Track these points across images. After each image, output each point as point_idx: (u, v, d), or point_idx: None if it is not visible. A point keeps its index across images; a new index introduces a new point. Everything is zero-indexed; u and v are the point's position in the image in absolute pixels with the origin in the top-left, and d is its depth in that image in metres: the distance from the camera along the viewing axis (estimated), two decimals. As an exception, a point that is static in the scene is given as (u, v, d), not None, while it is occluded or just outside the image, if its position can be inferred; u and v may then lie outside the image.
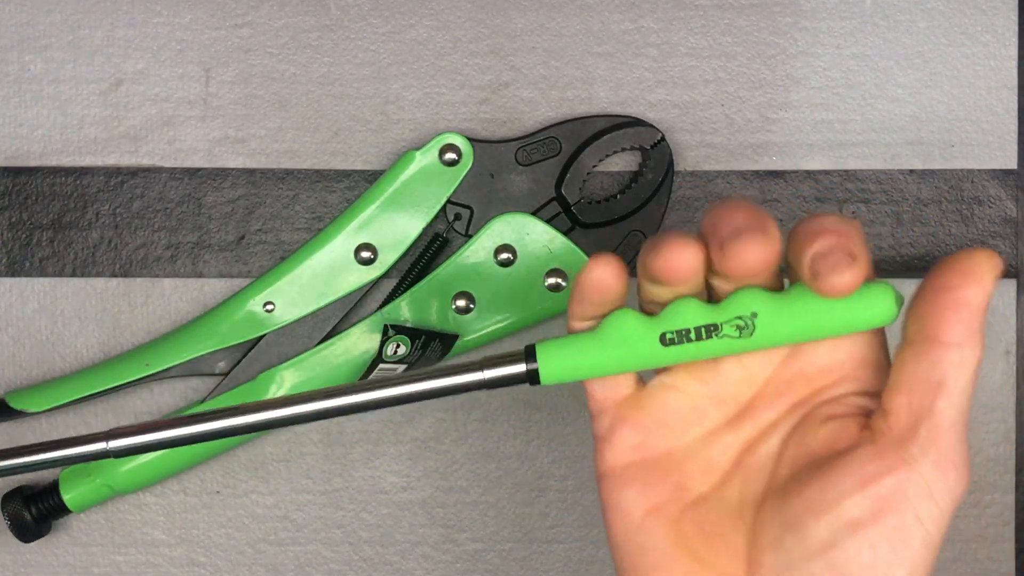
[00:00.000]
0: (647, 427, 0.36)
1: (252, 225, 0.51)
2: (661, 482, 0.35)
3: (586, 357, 0.35)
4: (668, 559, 0.34)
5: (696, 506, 0.35)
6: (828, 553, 0.32)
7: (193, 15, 0.51)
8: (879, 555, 0.31)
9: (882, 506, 0.32)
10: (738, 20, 0.51)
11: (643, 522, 0.35)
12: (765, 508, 0.34)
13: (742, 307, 0.34)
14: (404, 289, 0.50)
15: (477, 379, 0.35)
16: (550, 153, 0.50)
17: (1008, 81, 0.51)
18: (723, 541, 0.34)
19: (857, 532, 0.32)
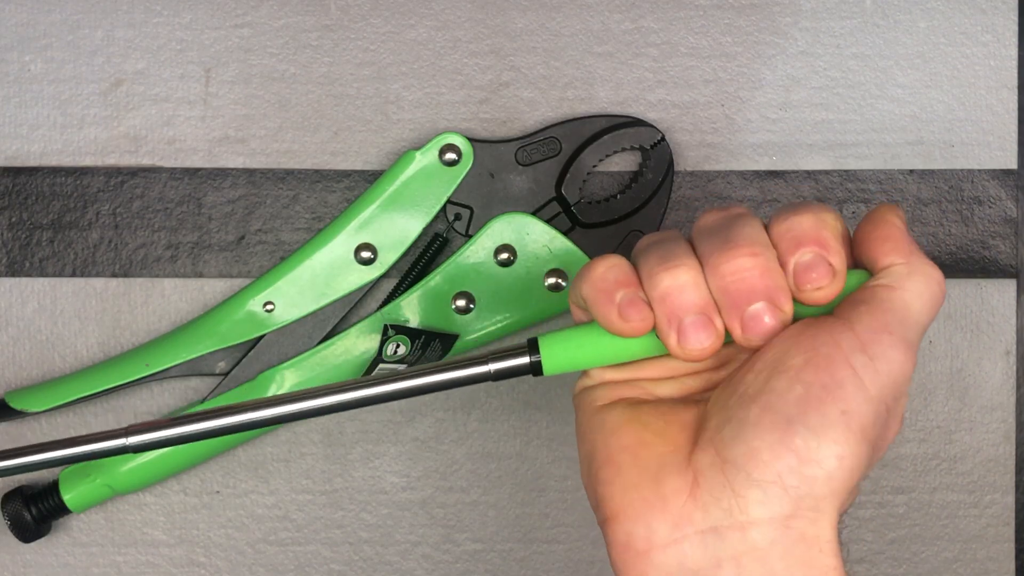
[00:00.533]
0: (632, 390, 0.38)
1: (252, 225, 0.51)
2: (631, 388, 0.37)
3: (586, 347, 0.36)
4: (620, 429, 0.36)
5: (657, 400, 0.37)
6: (761, 396, 0.33)
7: (193, 15, 0.51)
8: (811, 393, 0.32)
9: (814, 352, 0.33)
10: (738, 20, 0.51)
11: (603, 408, 0.37)
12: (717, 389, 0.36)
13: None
14: (404, 289, 0.50)
15: (482, 372, 0.36)
16: (550, 153, 0.50)
17: (1008, 81, 0.51)
18: (675, 416, 0.36)
19: (790, 374, 0.33)
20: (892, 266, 0.35)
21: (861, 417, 0.32)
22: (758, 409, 0.33)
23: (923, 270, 0.34)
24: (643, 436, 0.35)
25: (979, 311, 0.51)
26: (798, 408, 0.32)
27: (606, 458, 0.35)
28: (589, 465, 0.36)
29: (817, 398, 0.32)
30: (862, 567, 0.51)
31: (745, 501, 0.32)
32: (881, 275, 0.35)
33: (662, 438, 0.35)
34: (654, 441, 0.35)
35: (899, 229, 0.35)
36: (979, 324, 0.51)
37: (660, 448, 0.35)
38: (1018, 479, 0.51)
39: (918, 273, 0.34)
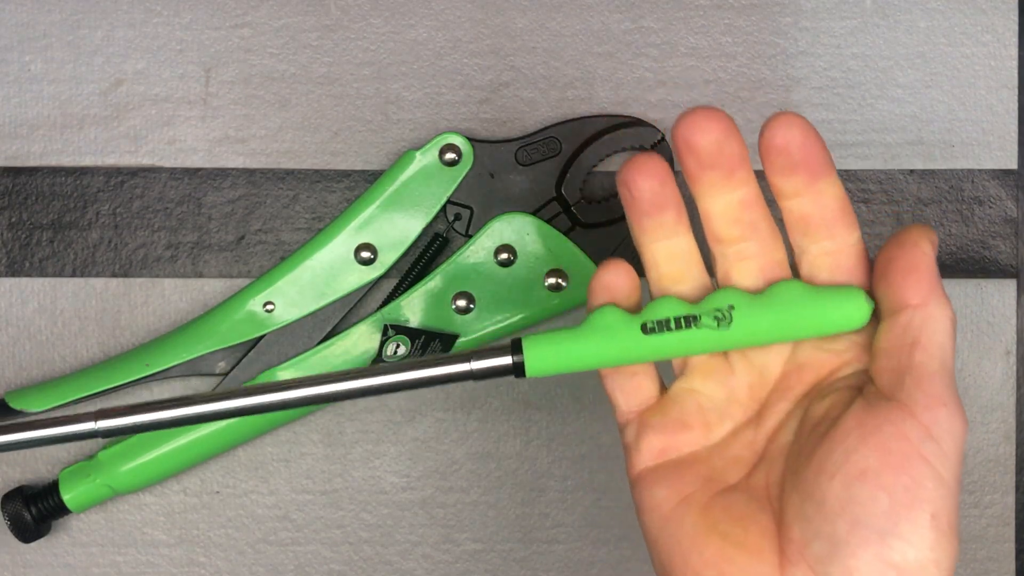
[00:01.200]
0: (671, 431, 0.37)
1: (252, 225, 0.51)
2: (689, 477, 0.36)
3: (570, 349, 0.36)
4: (699, 543, 0.35)
5: (724, 494, 0.36)
6: (847, 509, 0.32)
7: (193, 15, 0.51)
8: (897, 500, 0.32)
9: (886, 451, 0.32)
10: (738, 20, 0.51)
11: (673, 512, 0.36)
12: (786, 485, 0.35)
13: (720, 301, 0.36)
14: (404, 289, 0.50)
15: (464, 370, 0.36)
16: (550, 153, 0.50)
17: (1008, 81, 0.51)
18: (752, 521, 0.35)
19: (869, 481, 0.32)
20: (911, 309, 0.33)
21: (948, 514, 0.32)
22: (846, 525, 0.32)
23: (942, 313, 0.34)
24: (725, 551, 0.34)
25: (979, 311, 0.51)
26: (888, 520, 0.32)
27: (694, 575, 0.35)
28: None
29: (904, 506, 0.32)
30: (862, 567, 0.51)
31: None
32: (905, 326, 0.34)
33: (745, 551, 0.34)
34: (738, 556, 0.34)
35: (927, 258, 0.34)
36: (979, 324, 0.51)
37: (746, 562, 0.34)
38: (1018, 479, 0.51)
39: (938, 318, 0.33)
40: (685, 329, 0.35)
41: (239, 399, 0.36)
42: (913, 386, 0.33)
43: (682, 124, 0.35)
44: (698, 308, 0.36)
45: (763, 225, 0.37)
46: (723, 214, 0.37)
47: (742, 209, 0.36)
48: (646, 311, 0.36)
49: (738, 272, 0.37)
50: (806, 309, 0.35)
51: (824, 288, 0.36)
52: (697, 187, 0.36)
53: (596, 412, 0.51)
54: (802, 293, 0.35)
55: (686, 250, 0.37)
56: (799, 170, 0.35)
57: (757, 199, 0.37)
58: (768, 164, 0.36)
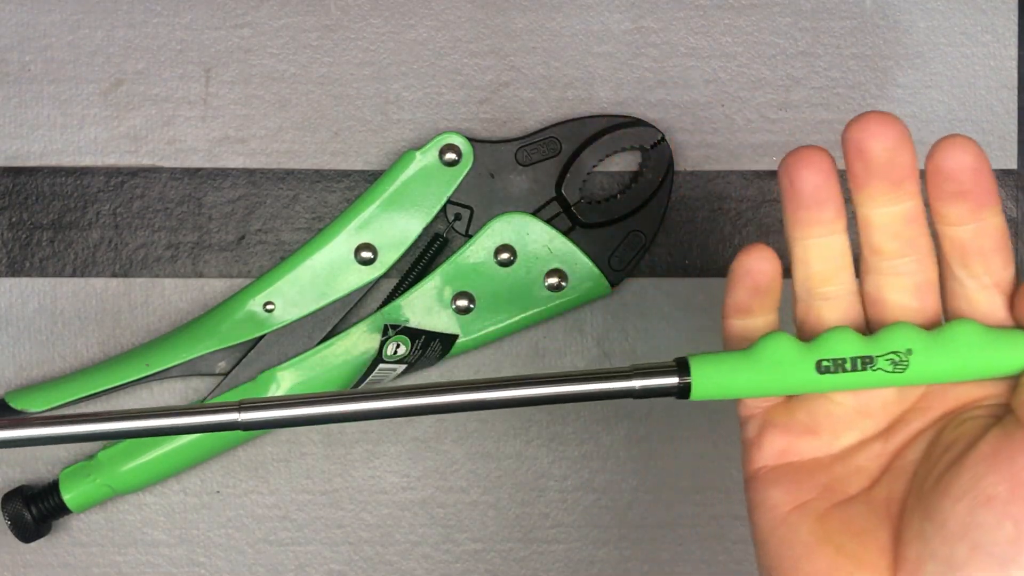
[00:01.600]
0: (796, 434, 0.36)
1: (252, 225, 0.51)
2: (808, 483, 0.36)
3: (740, 376, 0.34)
4: (812, 552, 0.34)
5: (843, 505, 0.35)
6: (969, 534, 0.31)
7: (193, 15, 0.51)
8: (1022, 529, 0.31)
9: (1018, 481, 0.31)
10: (738, 20, 0.51)
11: (788, 517, 0.35)
12: (908, 503, 0.34)
13: (897, 342, 0.34)
14: (404, 289, 0.50)
15: (626, 387, 0.34)
16: (550, 153, 0.50)
17: (1008, 81, 0.51)
18: (870, 536, 0.34)
19: (996, 508, 0.31)
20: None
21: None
22: (966, 549, 0.31)
23: None
24: (838, 562, 0.33)
25: (979, 311, 0.51)
26: (1013, 549, 0.31)
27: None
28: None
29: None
30: (862, 567, 0.51)
31: None
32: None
33: (859, 565, 0.33)
34: (851, 569, 0.33)
35: None
36: (979, 324, 0.51)
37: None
38: (1018, 479, 0.51)
39: None
40: (860, 371, 0.34)
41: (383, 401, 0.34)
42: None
43: (855, 128, 0.34)
44: (874, 347, 0.34)
45: (922, 243, 0.35)
46: (885, 225, 0.35)
47: (904, 223, 0.35)
48: (820, 344, 0.34)
49: (890, 287, 0.35)
50: (984, 354, 0.34)
51: (999, 331, 0.34)
52: (861, 194, 0.35)
53: (596, 412, 0.51)
54: (980, 336, 0.34)
55: (840, 251, 0.36)
56: (967, 198, 0.34)
57: (920, 215, 0.35)
58: (933, 188, 0.34)
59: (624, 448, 0.51)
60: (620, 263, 0.50)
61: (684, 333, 0.51)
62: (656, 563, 0.51)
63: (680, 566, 0.51)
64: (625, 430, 0.51)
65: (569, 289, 0.49)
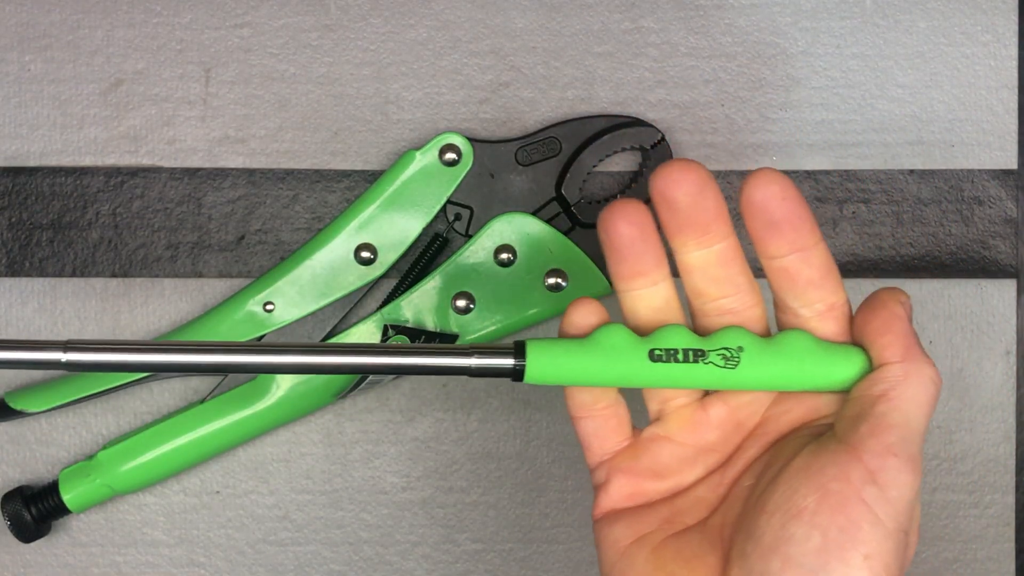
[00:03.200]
0: (641, 476, 0.37)
1: (252, 225, 0.51)
2: (650, 517, 0.37)
3: (574, 361, 0.35)
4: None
5: (680, 535, 0.36)
6: (781, 547, 0.32)
7: (193, 15, 0.51)
8: (830, 539, 0.32)
9: (825, 492, 0.32)
10: (738, 20, 0.51)
11: (628, 550, 0.36)
12: (736, 526, 0.35)
13: (730, 340, 0.35)
14: (404, 289, 0.50)
15: (463, 364, 0.35)
16: (550, 153, 0.50)
17: (1008, 81, 0.51)
18: (700, 562, 0.35)
19: (804, 519, 0.32)
20: (887, 365, 0.34)
21: (883, 556, 0.32)
22: (779, 562, 0.32)
23: (920, 371, 0.34)
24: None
25: (979, 311, 0.51)
26: (820, 558, 0.31)
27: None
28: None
29: (837, 545, 0.31)
30: (862, 567, 0.51)
31: None
32: (877, 379, 0.34)
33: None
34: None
35: (900, 319, 0.34)
36: (979, 324, 0.51)
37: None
38: (1018, 479, 0.51)
39: (914, 376, 0.34)
40: (692, 363, 0.35)
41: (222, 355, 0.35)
42: (867, 432, 0.33)
43: (658, 178, 0.35)
44: (707, 343, 0.35)
45: (742, 281, 0.36)
46: (702, 269, 0.36)
47: (720, 264, 0.36)
48: (655, 337, 0.35)
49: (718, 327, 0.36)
50: (814, 362, 0.35)
51: (831, 344, 0.35)
52: (674, 241, 0.36)
53: (596, 412, 0.51)
54: (810, 345, 0.35)
55: (665, 299, 0.37)
56: (781, 229, 0.35)
57: (735, 254, 0.36)
58: (749, 222, 0.35)
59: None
60: (620, 263, 0.50)
61: (684, 333, 0.51)
62: (656, 563, 0.51)
63: (680, 566, 0.51)
64: (625, 430, 0.51)
65: (569, 289, 0.49)
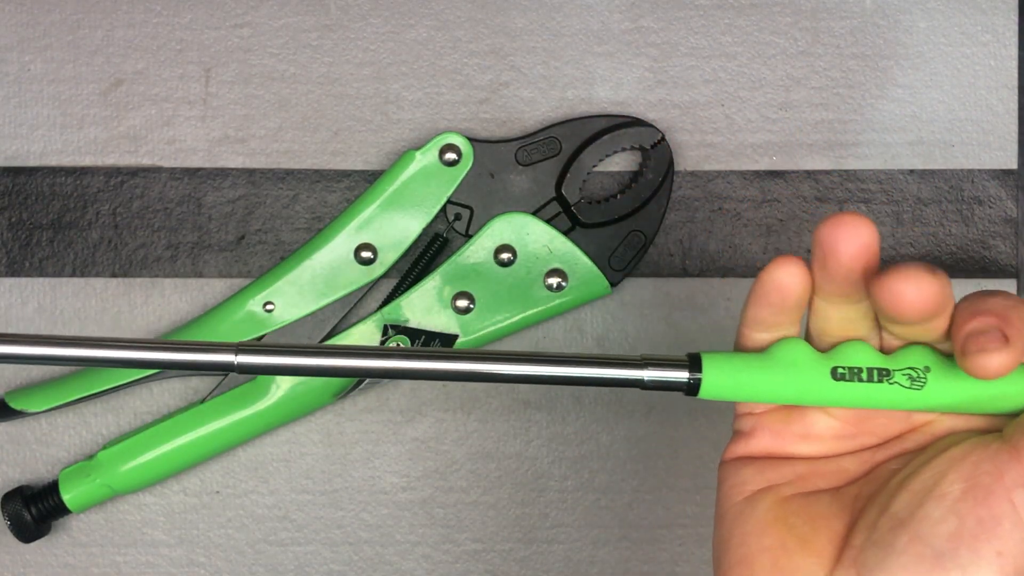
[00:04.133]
0: (788, 438, 0.36)
1: (252, 225, 0.51)
2: (784, 469, 0.35)
3: (752, 377, 0.33)
4: (764, 528, 0.34)
5: (810, 494, 0.35)
6: (912, 523, 0.31)
7: (193, 15, 0.51)
8: (966, 527, 0.30)
9: (974, 482, 0.31)
10: (738, 20, 0.51)
11: (754, 495, 0.35)
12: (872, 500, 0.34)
13: (916, 360, 0.33)
14: (404, 289, 0.50)
15: (635, 377, 0.33)
16: (550, 153, 0.50)
17: (1008, 81, 0.51)
18: (825, 523, 0.34)
19: (945, 503, 0.31)
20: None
21: (1017, 558, 0.30)
22: (907, 537, 0.31)
23: None
24: (786, 541, 0.33)
25: (979, 311, 0.51)
26: (950, 543, 0.30)
27: (742, 557, 0.34)
28: (723, 555, 0.34)
29: (972, 534, 0.30)
30: (862, 567, 0.51)
31: None
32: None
33: (806, 547, 0.33)
34: (797, 549, 0.33)
35: None
36: (979, 324, 0.51)
37: (801, 559, 0.33)
38: (1018, 479, 0.51)
39: None
40: (876, 383, 0.33)
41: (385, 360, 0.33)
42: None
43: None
44: (892, 362, 0.33)
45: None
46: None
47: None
48: (837, 354, 0.33)
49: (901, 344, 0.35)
50: (1003, 383, 0.33)
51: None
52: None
53: (596, 412, 0.51)
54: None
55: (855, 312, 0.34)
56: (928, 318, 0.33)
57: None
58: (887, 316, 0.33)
59: (624, 448, 0.51)
60: (620, 263, 0.50)
61: (684, 333, 0.51)
62: (656, 563, 0.51)
63: (680, 566, 0.51)
64: (625, 430, 0.51)
65: (569, 289, 0.49)
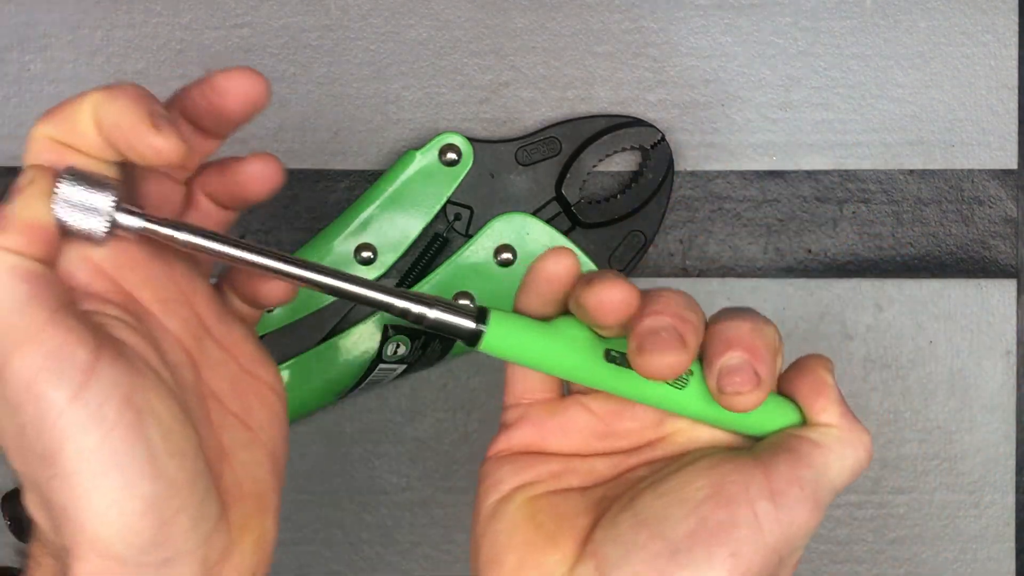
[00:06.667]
0: (549, 431, 0.37)
1: (252, 225, 0.51)
2: (540, 468, 0.36)
3: (534, 341, 0.34)
4: (516, 527, 0.35)
5: (562, 493, 0.36)
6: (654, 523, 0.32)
7: (193, 15, 0.51)
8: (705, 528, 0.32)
9: (719, 490, 0.32)
10: (738, 20, 0.51)
11: (509, 494, 0.36)
12: (617, 500, 0.35)
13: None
14: (404, 289, 0.50)
15: (420, 312, 0.33)
16: (550, 153, 0.50)
17: (1008, 81, 0.51)
18: (570, 521, 0.35)
19: (688, 506, 0.32)
20: (827, 427, 0.34)
21: (749, 562, 0.31)
22: (647, 535, 0.32)
23: (857, 439, 0.34)
24: (534, 540, 0.34)
25: (979, 311, 0.51)
26: (687, 541, 0.32)
27: (493, 556, 0.35)
28: (476, 554, 0.35)
29: (709, 534, 0.32)
30: (862, 567, 0.51)
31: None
32: (814, 429, 0.34)
33: (552, 544, 0.34)
34: (543, 547, 0.34)
35: (831, 387, 0.35)
36: (979, 324, 0.51)
37: (546, 555, 0.34)
38: (1018, 479, 0.51)
39: (850, 443, 0.34)
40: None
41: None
42: (784, 460, 0.33)
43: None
44: None
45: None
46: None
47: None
48: (613, 340, 0.35)
49: None
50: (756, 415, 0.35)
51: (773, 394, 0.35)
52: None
53: (596, 412, 0.51)
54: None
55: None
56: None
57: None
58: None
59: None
60: (620, 263, 0.50)
61: (684, 333, 0.51)
62: (656, 563, 0.51)
63: (680, 566, 0.51)
64: (625, 430, 0.51)
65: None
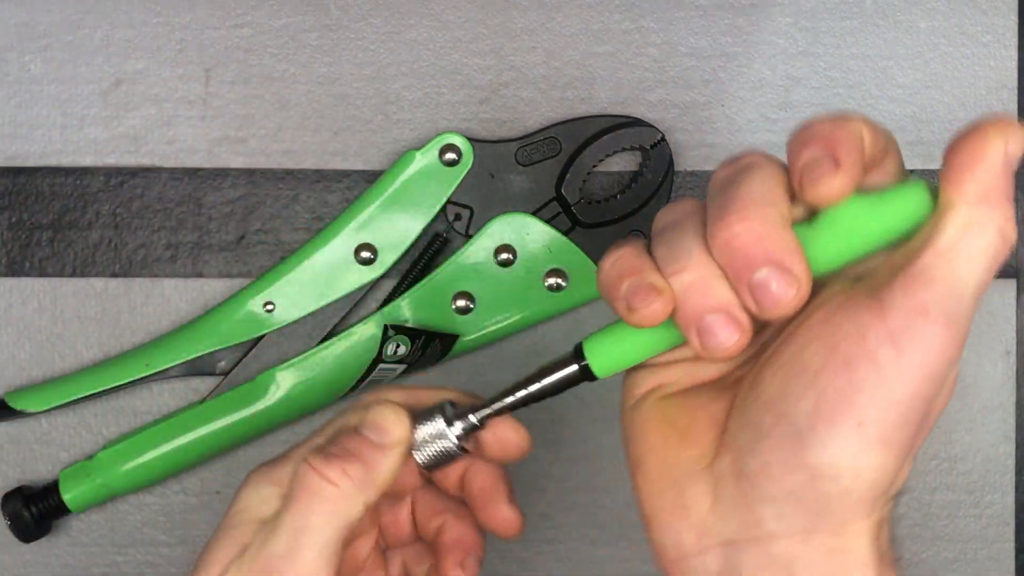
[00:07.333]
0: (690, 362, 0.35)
1: (252, 225, 0.51)
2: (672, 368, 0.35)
3: (629, 341, 0.34)
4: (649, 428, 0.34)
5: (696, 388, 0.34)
6: (777, 403, 0.30)
7: (193, 15, 0.51)
8: (824, 402, 0.29)
9: (833, 350, 0.29)
10: (738, 20, 0.51)
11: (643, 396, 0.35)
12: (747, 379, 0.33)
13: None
14: (404, 289, 0.50)
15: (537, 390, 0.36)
16: (550, 153, 0.50)
17: (1008, 81, 0.51)
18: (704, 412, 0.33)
19: (805, 379, 0.30)
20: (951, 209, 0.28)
21: (881, 425, 0.29)
22: (772, 417, 0.30)
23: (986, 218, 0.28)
24: (668, 437, 0.33)
25: (979, 311, 0.51)
26: (808, 420, 0.29)
27: (636, 460, 0.34)
28: (629, 465, 0.34)
29: (830, 408, 0.29)
30: (862, 567, 0.51)
31: (760, 516, 0.30)
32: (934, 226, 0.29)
33: (687, 439, 0.33)
34: (679, 443, 0.33)
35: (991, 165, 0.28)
36: (979, 324, 0.51)
37: (684, 451, 0.33)
38: (1018, 479, 0.51)
39: (977, 224, 0.28)
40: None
41: None
42: (900, 287, 0.29)
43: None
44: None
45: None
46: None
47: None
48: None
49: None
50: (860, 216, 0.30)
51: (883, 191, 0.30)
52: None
53: (596, 412, 0.51)
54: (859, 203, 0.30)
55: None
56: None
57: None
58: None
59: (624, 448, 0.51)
60: (620, 263, 0.50)
61: (684, 333, 0.51)
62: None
63: (680, 566, 0.51)
64: (625, 430, 0.51)
65: (569, 289, 0.49)
